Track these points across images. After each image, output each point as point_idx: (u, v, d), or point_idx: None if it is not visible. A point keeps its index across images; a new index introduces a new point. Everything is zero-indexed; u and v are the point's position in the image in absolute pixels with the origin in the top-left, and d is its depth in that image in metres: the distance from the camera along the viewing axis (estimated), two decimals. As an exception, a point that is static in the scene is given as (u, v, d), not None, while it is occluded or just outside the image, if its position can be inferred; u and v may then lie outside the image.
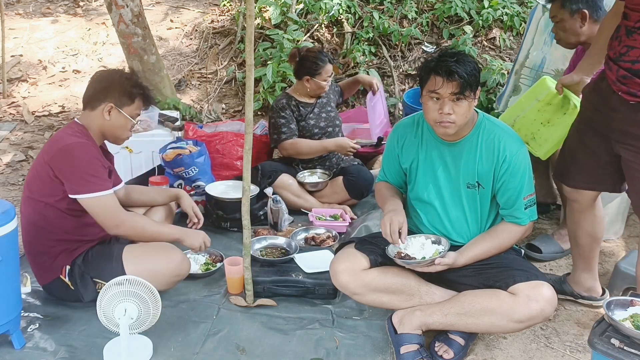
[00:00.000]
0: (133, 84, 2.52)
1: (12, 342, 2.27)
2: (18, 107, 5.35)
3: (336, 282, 2.35)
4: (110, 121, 2.48)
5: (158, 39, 5.76)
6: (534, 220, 2.31)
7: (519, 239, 2.33)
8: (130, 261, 2.43)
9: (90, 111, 2.50)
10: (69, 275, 2.45)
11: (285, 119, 3.56)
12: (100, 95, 2.48)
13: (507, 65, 4.73)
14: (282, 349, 2.33)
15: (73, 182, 2.34)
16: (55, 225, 2.42)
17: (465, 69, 2.12)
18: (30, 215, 2.46)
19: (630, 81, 2.10)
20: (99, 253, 2.47)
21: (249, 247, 2.51)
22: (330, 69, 3.61)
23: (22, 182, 4.13)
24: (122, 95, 2.49)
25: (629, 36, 2.10)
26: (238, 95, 5.36)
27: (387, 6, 5.47)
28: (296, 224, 3.38)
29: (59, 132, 2.48)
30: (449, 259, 2.20)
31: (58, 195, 2.38)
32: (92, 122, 2.49)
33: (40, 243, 2.45)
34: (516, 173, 2.23)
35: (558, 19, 2.85)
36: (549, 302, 2.10)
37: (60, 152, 2.35)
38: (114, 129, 2.51)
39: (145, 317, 2.20)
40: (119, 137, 2.57)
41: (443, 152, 2.33)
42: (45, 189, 2.39)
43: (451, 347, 2.26)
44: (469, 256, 2.25)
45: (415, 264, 2.21)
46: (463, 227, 2.37)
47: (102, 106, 2.46)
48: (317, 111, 3.67)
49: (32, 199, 2.44)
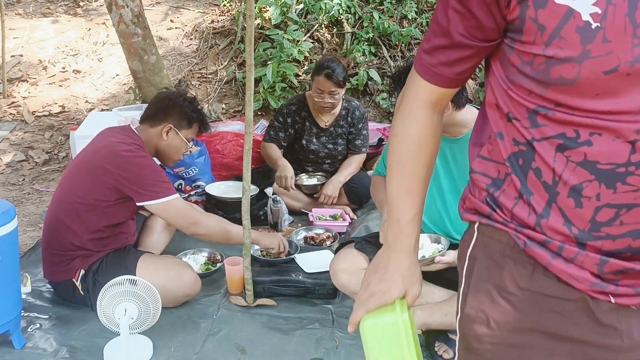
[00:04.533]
0: (194, 109, 2.63)
1: (12, 342, 2.27)
2: (18, 107, 5.35)
3: (336, 282, 2.35)
4: (167, 141, 2.57)
5: (158, 39, 5.76)
6: None
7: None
8: (143, 276, 2.36)
9: (149, 127, 2.58)
10: (82, 279, 2.44)
11: (281, 123, 3.50)
12: (161, 114, 2.57)
13: (507, 65, 4.73)
14: (282, 349, 2.33)
15: (144, 190, 2.37)
16: (86, 232, 2.42)
17: (402, 84, 2.13)
18: (59, 215, 2.45)
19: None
20: (112, 263, 2.44)
21: (249, 247, 2.51)
22: (324, 83, 3.25)
23: (22, 182, 4.13)
24: (182, 118, 2.59)
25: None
26: (238, 95, 5.36)
27: (387, 6, 5.47)
28: (296, 224, 3.38)
29: (119, 140, 2.45)
30: (449, 257, 2.19)
31: (110, 202, 2.40)
32: (149, 138, 2.56)
33: (62, 244, 2.44)
34: None
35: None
36: None
37: (127, 164, 2.37)
38: (169, 149, 2.60)
39: (146, 317, 2.20)
40: (171, 157, 2.65)
41: (444, 149, 2.33)
42: (97, 195, 2.39)
43: (451, 347, 2.26)
44: None
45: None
46: (463, 225, 2.36)
47: (162, 126, 2.55)
48: (325, 139, 3.54)
49: (71, 201, 2.42)
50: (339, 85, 3.29)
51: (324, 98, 3.32)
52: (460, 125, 2.26)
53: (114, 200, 2.40)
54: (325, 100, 3.33)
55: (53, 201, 2.52)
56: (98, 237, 2.44)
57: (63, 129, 4.98)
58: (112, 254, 2.47)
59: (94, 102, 5.48)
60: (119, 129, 2.59)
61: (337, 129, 3.51)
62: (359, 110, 3.51)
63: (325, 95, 3.30)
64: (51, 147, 4.71)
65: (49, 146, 4.71)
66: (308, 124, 3.52)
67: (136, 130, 2.56)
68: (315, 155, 3.54)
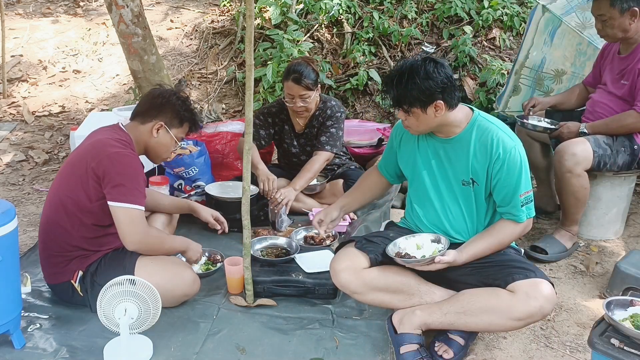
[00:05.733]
0: (186, 107, 2.60)
1: (12, 342, 2.27)
2: (18, 107, 5.35)
3: (336, 281, 2.35)
4: (157, 139, 2.55)
5: (158, 39, 5.76)
6: (532, 217, 2.30)
7: (518, 236, 2.32)
8: (142, 276, 2.34)
9: (139, 124, 2.55)
10: (80, 281, 2.44)
11: (261, 121, 3.48)
12: (153, 111, 2.55)
13: (507, 65, 4.74)
14: (282, 349, 2.33)
15: (115, 188, 2.33)
16: (78, 230, 2.41)
17: (399, 87, 2.16)
18: (53, 216, 2.45)
19: None
20: (111, 264, 2.43)
21: (249, 247, 2.51)
22: (293, 88, 3.23)
23: (22, 182, 4.13)
24: (173, 116, 2.57)
25: None
26: (238, 95, 5.37)
27: (387, 6, 5.47)
28: (296, 224, 3.38)
29: (105, 137, 2.45)
30: (449, 257, 2.20)
31: (94, 201, 2.38)
32: (138, 135, 2.53)
33: (58, 245, 2.44)
34: (511, 170, 2.21)
35: (606, 17, 2.93)
36: (547, 299, 2.10)
37: (109, 158, 2.35)
38: (158, 146, 2.57)
39: (145, 317, 2.20)
40: (160, 155, 2.62)
41: (438, 149, 2.34)
42: (82, 193, 2.38)
43: (451, 347, 2.26)
44: (469, 254, 2.25)
45: (415, 262, 2.22)
46: (461, 224, 2.37)
47: (153, 123, 2.53)
48: (303, 142, 3.52)
49: (60, 201, 2.42)
50: (308, 89, 3.25)
51: (295, 102, 3.29)
52: (453, 125, 2.26)
53: (97, 199, 2.37)
54: (297, 105, 3.30)
55: (46, 202, 2.52)
56: (92, 236, 2.43)
57: (63, 129, 4.98)
58: (110, 255, 2.46)
59: (94, 102, 5.48)
60: (108, 128, 2.56)
61: (312, 130, 3.48)
62: (331, 110, 3.43)
63: (297, 99, 3.28)
64: (51, 147, 4.71)
65: (49, 146, 4.72)
66: (287, 128, 3.53)
67: (125, 128, 2.54)
68: (298, 158, 3.53)
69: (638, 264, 2.67)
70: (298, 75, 3.22)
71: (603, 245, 3.23)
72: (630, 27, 2.90)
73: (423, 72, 2.14)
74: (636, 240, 3.30)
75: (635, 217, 3.54)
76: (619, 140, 3.00)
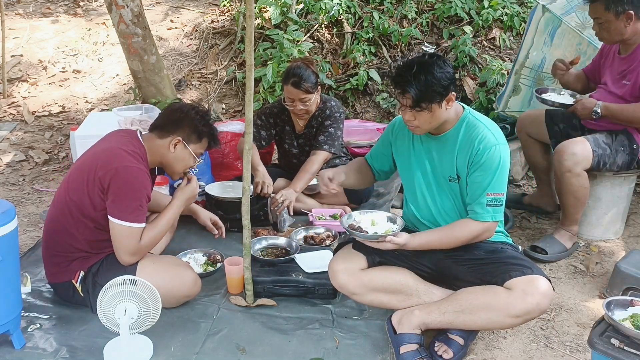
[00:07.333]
0: (204, 123, 2.57)
1: (12, 342, 2.27)
2: (18, 107, 5.35)
3: (335, 282, 2.36)
4: (174, 154, 2.52)
5: (158, 39, 5.77)
6: (496, 222, 2.25)
7: (476, 236, 2.26)
8: (143, 277, 2.33)
9: (157, 137, 2.52)
10: (81, 281, 2.43)
11: (263, 121, 3.48)
12: (171, 126, 2.52)
13: (507, 65, 4.73)
14: (282, 349, 2.33)
15: (117, 203, 2.32)
16: (82, 234, 2.41)
17: (419, 84, 2.12)
18: (58, 217, 2.44)
19: None
20: (112, 265, 2.43)
21: (249, 247, 2.51)
22: (293, 92, 3.22)
23: (22, 182, 4.13)
24: (192, 131, 2.53)
25: None
26: (238, 95, 5.37)
27: (387, 6, 5.47)
28: (296, 224, 3.38)
29: (119, 146, 2.41)
30: (401, 239, 2.21)
31: (98, 210, 2.37)
32: (155, 148, 2.50)
33: (61, 245, 2.44)
34: (486, 167, 2.19)
35: (602, 20, 2.92)
36: (544, 295, 2.10)
37: (117, 172, 2.32)
38: (175, 161, 2.55)
39: (145, 317, 2.20)
40: (176, 170, 2.60)
41: (430, 146, 2.35)
42: (87, 200, 2.37)
43: (451, 346, 2.27)
44: (420, 241, 2.26)
45: (366, 238, 2.23)
46: (452, 214, 2.37)
47: (170, 138, 2.50)
48: (302, 142, 3.52)
49: (66, 204, 2.41)
50: (308, 92, 3.24)
51: (296, 106, 3.28)
52: (447, 121, 2.28)
53: (101, 209, 2.36)
54: (297, 108, 3.29)
55: (53, 202, 2.52)
56: (95, 239, 2.43)
57: (63, 129, 4.98)
58: (111, 256, 2.46)
59: (94, 102, 5.48)
60: (125, 134, 2.53)
61: (311, 130, 3.48)
62: (330, 110, 3.42)
63: (297, 102, 3.26)
64: (51, 147, 4.71)
65: (49, 146, 4.72)
66: (288, 128, 3.53)
67: (142, 139, 2.51)
68: (298, 159, 3.53)
69: (638, 264, 2.67)
70: (297, 79, 3.21)
71: (603, 245, 3.23)
72: (626, 30, 2.89)
73: (436, 67, 2.14)
74: (636, 240, 3.30)
75: (635, 217, 3.54)
76: (618, 140, 3.00)
